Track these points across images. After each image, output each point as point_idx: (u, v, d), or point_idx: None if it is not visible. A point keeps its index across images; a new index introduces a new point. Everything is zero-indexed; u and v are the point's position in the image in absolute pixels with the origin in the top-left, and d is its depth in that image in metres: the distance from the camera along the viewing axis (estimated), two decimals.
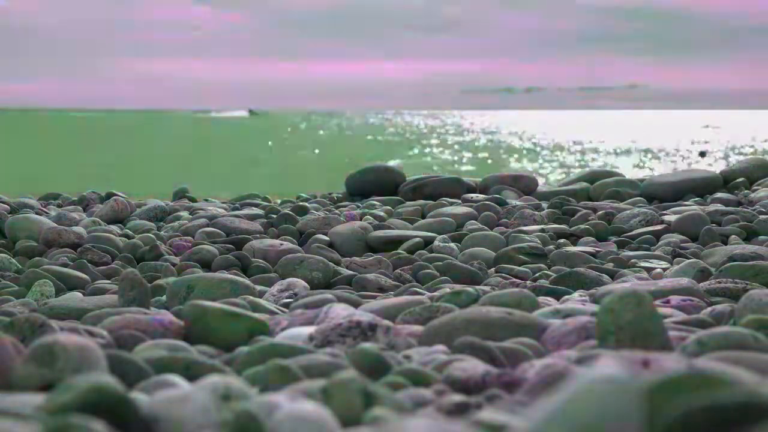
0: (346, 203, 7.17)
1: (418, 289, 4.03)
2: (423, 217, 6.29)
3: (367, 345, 2.44)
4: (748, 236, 5.35)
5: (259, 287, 4.09)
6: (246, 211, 6.44)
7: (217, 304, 2.90)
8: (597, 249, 5.12)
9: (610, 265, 4.68)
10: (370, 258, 4.91)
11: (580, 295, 3.76)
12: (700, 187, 7.14)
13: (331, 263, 4.67)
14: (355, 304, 3.47)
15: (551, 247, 5.20)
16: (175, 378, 2.11)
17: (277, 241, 5.19)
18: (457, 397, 1.95)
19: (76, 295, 4.11)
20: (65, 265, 4.66)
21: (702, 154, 32.37)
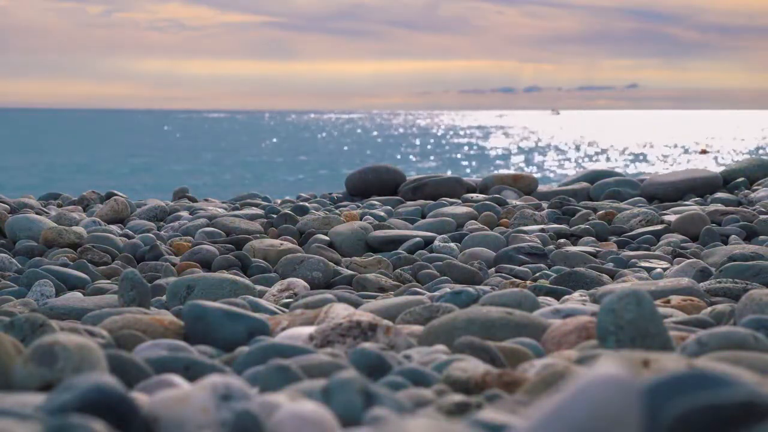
0: (346, 203, 7.16)
1: (418, 289, 4.03)
2: (423, 217, 6.29)
3: (367, 345, 2.44)
4: (748, 236, 5.35)
5: (259, 287, 4.09)
6: (246, 211, 6.44)
7: (217, 304, 2.90)
8: (597, 249, 5.12)
9: (610, 265, 4.68)
10: (370, 258, 4.91)
11: (580, 295, 3.76)
12: (700, 187, 7.14)
13: (331, 263, 4.67)
14: (355, 304, 3.46)
15: (551, 247, 5.20)
16: (175, 378, 2.11)
17: (277, 241, 5.19)
18: (457, 397, 1.94)
19: (76, 295, 4.11)
20: (65, 265, 4.66)
21: (704, 152, 32.55)
